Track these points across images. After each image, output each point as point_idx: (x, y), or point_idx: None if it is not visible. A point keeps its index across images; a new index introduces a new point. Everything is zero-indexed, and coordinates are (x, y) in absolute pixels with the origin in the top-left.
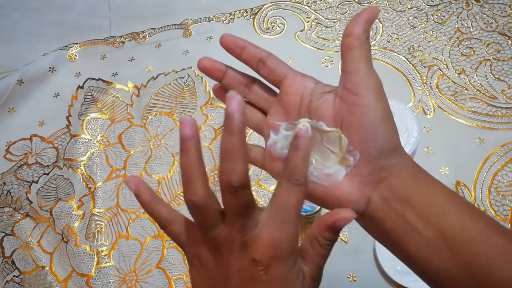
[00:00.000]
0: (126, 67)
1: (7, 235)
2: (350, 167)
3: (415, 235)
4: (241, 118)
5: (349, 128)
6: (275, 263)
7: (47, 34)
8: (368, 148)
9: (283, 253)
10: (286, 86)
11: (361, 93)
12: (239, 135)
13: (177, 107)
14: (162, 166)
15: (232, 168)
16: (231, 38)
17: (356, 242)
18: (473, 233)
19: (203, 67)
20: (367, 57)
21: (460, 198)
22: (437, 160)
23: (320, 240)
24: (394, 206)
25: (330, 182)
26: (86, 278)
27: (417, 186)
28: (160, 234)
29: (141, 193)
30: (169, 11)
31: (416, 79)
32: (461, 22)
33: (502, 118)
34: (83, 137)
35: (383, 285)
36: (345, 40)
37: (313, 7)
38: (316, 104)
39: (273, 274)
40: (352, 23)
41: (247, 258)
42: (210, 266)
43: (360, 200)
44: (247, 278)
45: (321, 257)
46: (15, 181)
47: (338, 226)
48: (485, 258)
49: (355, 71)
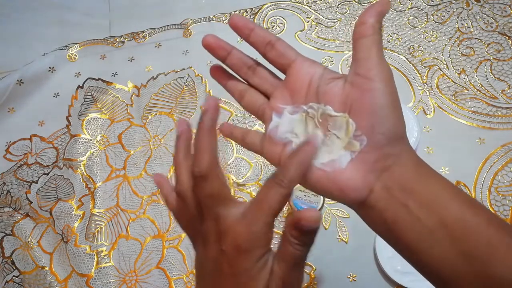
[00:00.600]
0: (126, 67)
1: (7, 235)
2: (355, 152)
3: (416, 225)
4: (212, 117)
5: (358, 113)
6: (239, 255)
7: (47, 34)
8: (376, 134)
9: (247, 246)
10: (294, 70)
11: (374, 78)
12: (206, 131)
13: (177, 107)
14: (162, 166)
15: (195, 160)
16: (240, 18)
17: (356, 242)
18: (474, 224)
19: (207, 44)
20: (379, 45)
21: (461, 191)
22: (437, 160)
23: (289, 238)
24: (397, 195)
25: (334, 167)
26: (86, 278)
27: (420, 177)
28: (160, 234)
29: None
30: (169, 11)
31: (416, 79)
32: (461, 22)
33: (502, 118)
34: (83, 137)
35: (383, 285)
36: (358, 29)
37: (313, 7)
38: (324, 89)
39: (236, 266)
40: (365, 13)
41: (217, 248)
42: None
43: (362, 188)
44: (217, 267)
45: (291, 257)
46: (15, 181)
47: (302, 225)
48: (485, 249)
49: (368, 58)
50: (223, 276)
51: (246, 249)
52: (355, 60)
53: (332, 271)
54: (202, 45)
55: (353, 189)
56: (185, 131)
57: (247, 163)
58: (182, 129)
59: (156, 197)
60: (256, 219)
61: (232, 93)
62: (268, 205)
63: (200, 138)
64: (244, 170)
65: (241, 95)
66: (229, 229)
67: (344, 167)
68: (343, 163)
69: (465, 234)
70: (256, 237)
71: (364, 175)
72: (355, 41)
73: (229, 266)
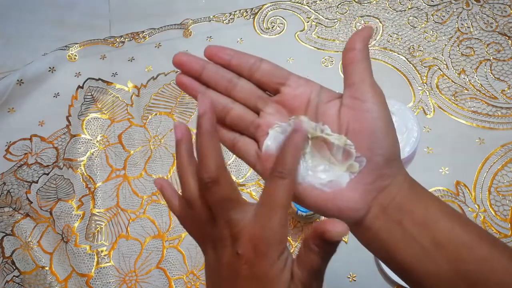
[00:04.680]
0: (126, 67)
1: (7, 235)
2: (355, 173)
3: (410, 242)
4: (210, 119)
5: (357, 135)
6: (256, 257)
7: (47, 34)
8: (375, 155)
9: (264, 248)
10: (290, 88)
11: (370, 101)
12: (208, 135)
13: (177, 107)
14: (162, 166)
15: (202, 165)
16: (215, 47)
17: (356, 242)
18: (465, 240)
19: (178, 62)
20: (370, 69)
21: (454, 210)
22: (437, 160)
23: (311, 245)
24: (392, 214)
25: (333, 188)
26: (86, 278)
27: (414, 197)
28: (160, 234)
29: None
30: (169, 11)
31: (416, 79)
32: (461, 22)
33: (502, 118)
34: (83, 137)
35: (383, 285)
36: (347, 55)
37: (313, 7)
38: (323, 109)
39: (254, 268)
40: (353, 39)
41: (232, 252)
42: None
43: (361, 208)
44: (233, 272)
45: (311, 264)
46: (15, 181)
47: (327, 237)
48: (478, 266)
49: (362, 82)
50: (240, 280)
51: (263, 250)
52: (348, 85)
53: (332, 271)
54: (173, 64)
55: (352, 209)
56: (185, 135)
57: None
58: (181, 133)
59: (156, 197)
60: (268, 217)
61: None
62: (275, 200)
63: (203, 143)
64: (244, 170)
65: (225, 110)
66: (244, 232)
67: (343, 187)
68: (343, 183)
69: (458, 252)
70: (271, 236)
71: (362, 195)
72: (345, 66)
73: (248, 270)
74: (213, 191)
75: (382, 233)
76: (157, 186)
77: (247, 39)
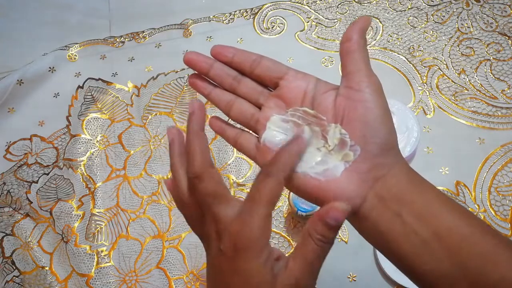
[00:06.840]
0: (126, 67)
1: (7, 235)
2: (349, 162)
3: (410, 235)
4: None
5: (351, 124)
6: (236, 254)
7: (47, 34)
8: (369, 144)
9: (243, 243)
10: (288, 82)
11: (365, 90)
12: (195, 134)
13: (177, 107)
14: (162, 166)
15: (188, 162)
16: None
17: (356, 242)
18: (467, 233)
19: (189, 60)
20: (367, 59)
21: (454, 201)
22: (437, 160)
23: (312, 233)
24: (390, 205)
25: (327, 177)
26: (86, 278)
27: (413, 187)
28: (160, 234)
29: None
30: (169, 11)
31: (416, 79)
32: (461, 22)
33: (502, 118)
34: (83, 137)
35: (383, 285)
36: (344, 45)
37: (313, 7)
38: (318, 100)
39: (235, 264)
40: (350, 30)
41: (217, 248)
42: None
43: (355, 197)
44: (217, 268)
45: (312, 252)
46: (15, 181)
47: (330, 217)
48: (479, 259)
49: (357, 71)
50: (224, 275)
51: (242, 247)
52: (345, 74)
53: (332, 271)
54: (184, 62)
55: (347, 198)
56: (176, 136)
57: (247, 163)
58: (173, 135)
59: (156, 197)
60: (250, 214)
61: (217, 103)
62: (260, 197)
63: (190, 142)
64: (244, 170)
65: (229, 105)
66: (226, 228)
67: (338, 176)
68: (338, 172)
69: (459, 245)
70: (251, 232)
71: (357, 184)
72: (343, 56)
73: (229, 265)
74: (198, 187)
75: (382, 225)
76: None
77: (247, 39)
